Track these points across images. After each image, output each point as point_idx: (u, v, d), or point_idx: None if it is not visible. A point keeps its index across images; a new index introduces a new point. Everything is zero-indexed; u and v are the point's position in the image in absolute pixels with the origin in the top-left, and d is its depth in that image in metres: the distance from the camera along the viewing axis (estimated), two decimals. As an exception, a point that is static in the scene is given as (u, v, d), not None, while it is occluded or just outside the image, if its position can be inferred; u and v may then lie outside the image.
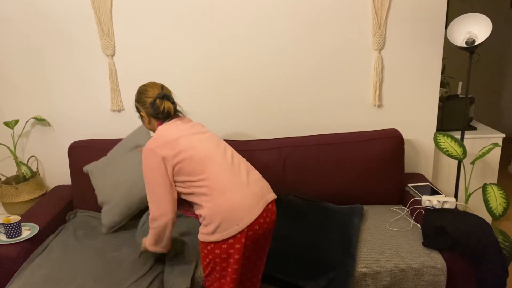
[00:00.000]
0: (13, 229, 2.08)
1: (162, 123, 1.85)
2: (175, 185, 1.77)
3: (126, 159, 2.38)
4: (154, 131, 1.91)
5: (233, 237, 1.66)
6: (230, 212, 1.66)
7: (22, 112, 2.67)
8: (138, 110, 1.92)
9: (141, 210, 2.38)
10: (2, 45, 2.58)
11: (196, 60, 2.59)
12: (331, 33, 2.56)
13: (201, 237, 1.72)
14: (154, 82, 1.90)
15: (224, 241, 1.66)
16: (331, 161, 2.47)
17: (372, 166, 2.47)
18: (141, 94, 1.88)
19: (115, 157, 2.42)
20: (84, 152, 2.53)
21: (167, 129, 1.80)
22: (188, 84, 2.63)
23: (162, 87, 1.89)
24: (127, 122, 2.70)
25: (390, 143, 2.49)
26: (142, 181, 2.30)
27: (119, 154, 2.43)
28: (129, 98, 2.66)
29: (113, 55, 2.58)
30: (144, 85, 1.91)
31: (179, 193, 1.79)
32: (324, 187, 2.49)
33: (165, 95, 1.83)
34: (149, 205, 1.76)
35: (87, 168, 2.47)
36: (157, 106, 1.81)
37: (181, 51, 2.57)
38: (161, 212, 1.74)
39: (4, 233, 2.09)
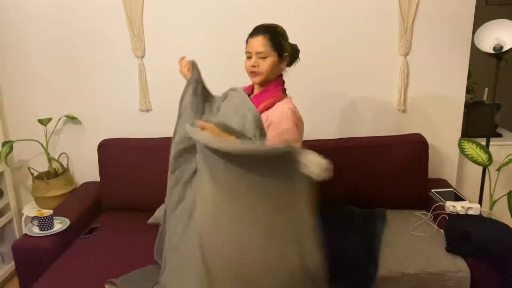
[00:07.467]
0: (45, 222, 2.16)
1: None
2: None
3: None
4: (271, 77, 1.90)
5: None
6: None
7: (55, 110, 2.77)
8: (280, 51, 1.85)
9: None
10: (37, 46, 2.68)
11: (225, 64, 2.58)
12: (357, 38, 2.57)
13: None
14: None
15: None
16: (355, 165, 2.49)
17: (396, 170, 2.47)
18: (286, 34, 1.89)
19: None
20: (112, 150, 2.61)
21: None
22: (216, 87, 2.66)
23: None
24: (155, 122, 2.76)
25: (415, 148, 2.49)
26: None
27: None
28: (157, 99, 2.72)
29: (143, 56, 2.65)
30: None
31: None
32: (347, 191, 2.50)
33: None
34: None
35: None
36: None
37: (211, 56, 2.57)
38: None
39: (38, 226, 2.17)
